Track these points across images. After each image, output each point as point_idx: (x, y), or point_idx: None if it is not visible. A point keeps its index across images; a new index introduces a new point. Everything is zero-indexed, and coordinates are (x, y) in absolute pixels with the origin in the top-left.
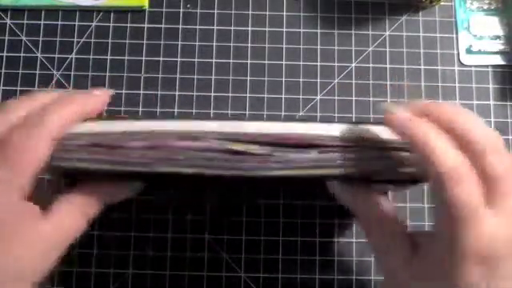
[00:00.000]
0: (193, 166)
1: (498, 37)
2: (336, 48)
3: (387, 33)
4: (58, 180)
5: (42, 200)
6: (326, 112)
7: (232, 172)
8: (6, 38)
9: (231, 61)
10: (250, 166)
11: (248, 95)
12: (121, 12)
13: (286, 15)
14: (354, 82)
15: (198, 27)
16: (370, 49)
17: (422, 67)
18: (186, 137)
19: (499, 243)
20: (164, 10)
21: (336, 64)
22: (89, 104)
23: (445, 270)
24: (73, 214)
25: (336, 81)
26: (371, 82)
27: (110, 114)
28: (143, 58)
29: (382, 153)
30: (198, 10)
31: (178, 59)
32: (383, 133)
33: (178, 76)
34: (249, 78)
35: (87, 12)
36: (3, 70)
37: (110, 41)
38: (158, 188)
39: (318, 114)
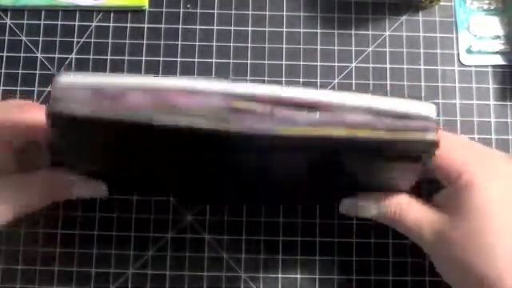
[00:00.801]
0: (192, 116)
1: (498, 37)
2: (336, 48)
3: (387, 33)
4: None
5: None
6: None
7: (233, 127)
8: (6, 37)
9: (231, 61)
10: (251, 123)
11: None
12: (121, 12)
13: (286, 15)
14: (354, 82)
15: (197, 27)
16: (370, 49)
17: (422, 67)
18: (188, 92)
19: None
20: (164, 9)
21: (336, 64)
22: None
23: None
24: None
25: (336, 81)
26: (371, 82)
27: None
28: (143, 58)
29: (394, 122)
30: (198, 10)
31: (178, 59)
32: (394, 104)
33: (178, 76)
34: (249, 78)
35: (87, 12)
36: (3, 70)
37: (109, 41)
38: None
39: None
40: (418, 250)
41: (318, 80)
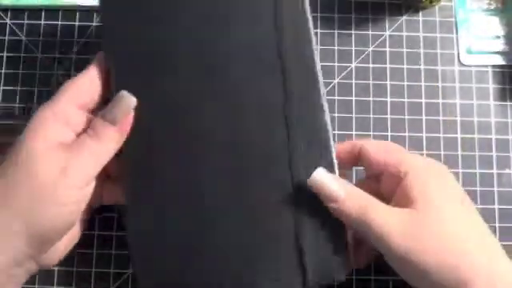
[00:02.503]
0: None
1: (497, 37)
2: (336, 48)
3: (387, 33)
4: None
5: None
6: None
7: None
8: (6, 37)
9: None
10: None
11: None
12: None
13: None
14: (354, 81)
15: None
16: (370, 49)
17: (422, 67)
18: None
19: None
20: None
21: (336, 64)
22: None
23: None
24: None
25: (336, 81)
26: (371, 81)
27: None
28: None
29: None
30: None
31: None
32: None
33: None
34: None
35: (87, 12)
36: (3, 70)
37: None
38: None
39: None
40: None
41: None
